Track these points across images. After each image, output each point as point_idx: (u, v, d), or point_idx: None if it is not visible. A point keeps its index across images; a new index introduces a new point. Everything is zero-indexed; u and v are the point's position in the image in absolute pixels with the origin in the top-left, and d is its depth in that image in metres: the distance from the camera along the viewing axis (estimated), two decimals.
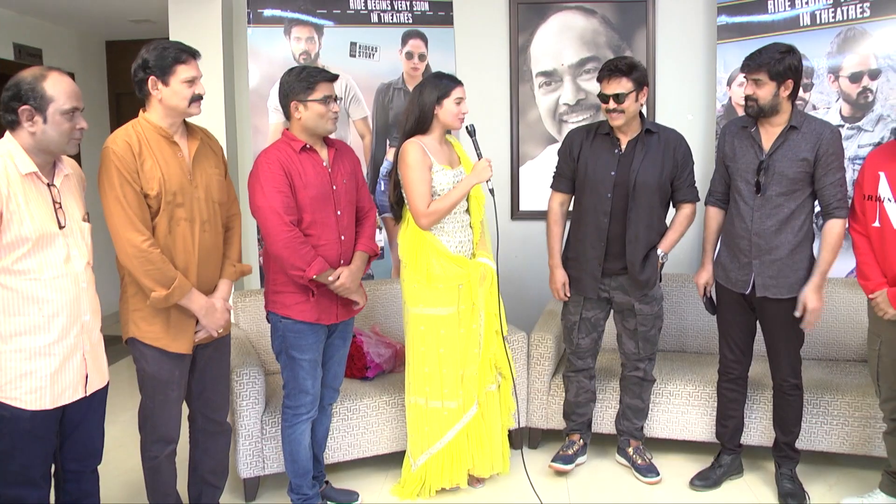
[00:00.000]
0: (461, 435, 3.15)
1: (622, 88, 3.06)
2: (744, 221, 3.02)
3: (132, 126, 2.53)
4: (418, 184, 2.99)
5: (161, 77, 2.48)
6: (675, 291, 3.92)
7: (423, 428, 3.14)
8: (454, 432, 3.13)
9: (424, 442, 3.15)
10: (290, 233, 2.73)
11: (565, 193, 3.37)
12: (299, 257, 2.74)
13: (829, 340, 3.75)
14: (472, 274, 3.08)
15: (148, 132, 2.52)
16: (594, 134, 3.27)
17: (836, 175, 2.91)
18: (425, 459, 3.16)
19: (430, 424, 3.13)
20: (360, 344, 3.55)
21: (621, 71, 3.06)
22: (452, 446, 3.15)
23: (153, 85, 2.49)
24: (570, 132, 3.40)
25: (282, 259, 2.76)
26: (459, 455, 3.18)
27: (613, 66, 3.08)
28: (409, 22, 4.25)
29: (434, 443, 3.14)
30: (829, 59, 3.91)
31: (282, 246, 2.73)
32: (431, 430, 3.13)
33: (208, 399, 2.80)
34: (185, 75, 2.49)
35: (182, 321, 2.59)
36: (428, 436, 3.14)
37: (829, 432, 3.31)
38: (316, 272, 2.76)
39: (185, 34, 4.35)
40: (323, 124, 2.82)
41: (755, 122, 3.01)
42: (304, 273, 2.75)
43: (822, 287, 2.95)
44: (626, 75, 3.06)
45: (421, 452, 3.16)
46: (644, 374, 3.34)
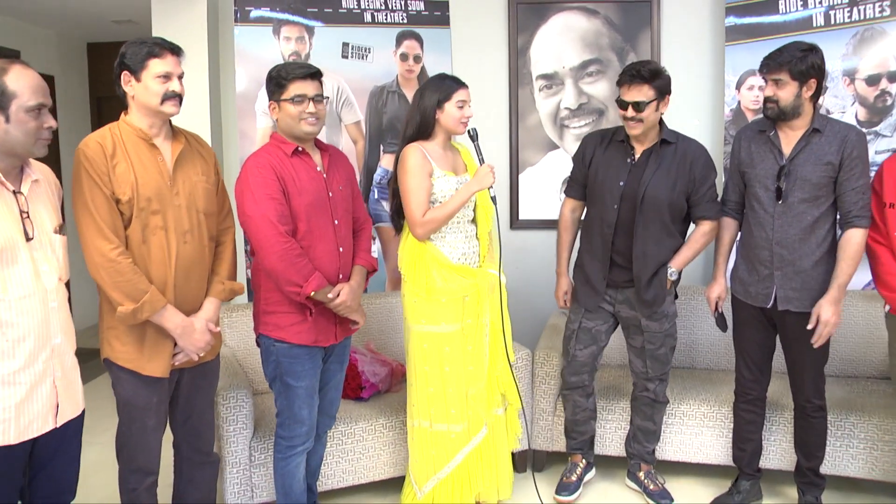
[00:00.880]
0: (470, 458, 2.94)
1: (643, 96, 2.87)
2: (764, 230, 2.84)
3: (110, 128, 2.34)
4: (416, 191, 2.78)
5: (134, 72, 2.29)
6: (685, 304, 3.72)
7: (430, 451, 2.92)
8: (462, 455, 2.91)
9: (431, 467, 2.92)
10: (285, 244, 2.48)
11: (577, 200, 3.19)
12: (296, 271, 2.50)
13: (848, 356, 3.56)
14: (479, 283, 2.87)
15: (126, 134, 2.33)
16: (609, 140, 3.08)
17: (860, 181, 2.74)
18: (433, 485, 2.93)
19: (436, 448, 2.91)
20: (355, 362, 3.34)
21: (643, 77, 2.86)
22: (461, 470, 2.94)
23: (126, 81, 2.30)
24: (586, 136, 3.22)
25: (276, 273, 2.51)
26: (468, 480, 2.96)
27: (635, 72, 2.87)
28: (404, 22, 4.05)
29: (442, 467, 2.92)
30: (844, 61, 3.73)
31: (276, 259, 2.48)
32: (438, 454, 2.91)
33: (193, 428, 2.59)
34: (157, 70, 2.29)
35: (158, 342, 2.38)
36: (435, 460, 2.92)
37: (855, 456, 3.11)
38: (314, 288, 2.52)
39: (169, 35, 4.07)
40: (297, 126, 2.57)
41: (774, 126, 2.83)
42: (301, 289, 2.51)
43: (839, 300, 2.76)
44: (648, 82, 2.86)
45: (428, 478, 2.93)
46: (654, 395, 3.14)
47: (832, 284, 2.77)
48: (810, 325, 2.77)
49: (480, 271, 2.92)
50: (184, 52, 2.38)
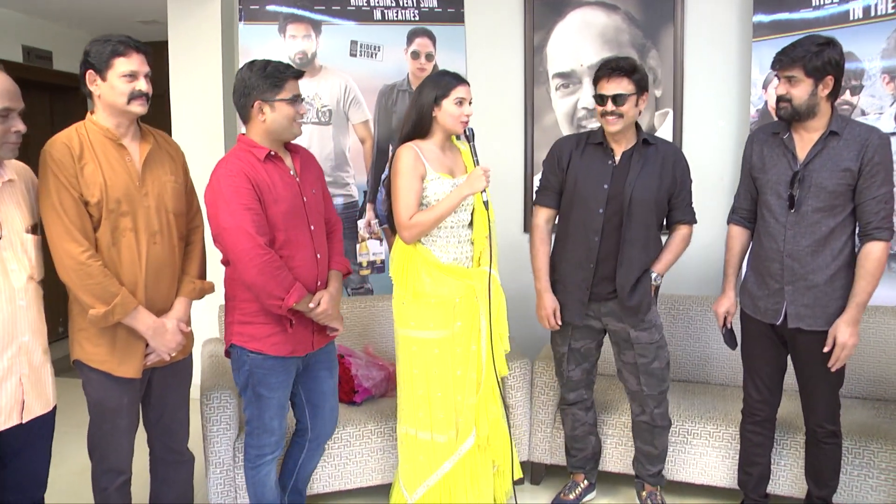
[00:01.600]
0: (459, 467, 2.82)
1: (622, 89, 2.73)
2: (774, 241, 2.65)
3: (76, 128, 2.30)
4: (404, 192, 2.68)
5: (99, 71, 2.25)
6: (700, 316, 3.54)
7: (418, 457, 2.82)
8: (451, 463, 2.80)
9: (421, 473, 2.83)
10: (265, 256, 2.36)
11: (552, 209, 3.01)
12: (277, 284, 2.39)
13: (876, 377, 3.32)
14: (473, 284, 2.76)
15: (93, 134, 2.29)
16: (585, 144, 2.93)
17: (881, 189, 2.52)
18: (424, 492, 2.84)
19: (424, 454, 2.82)
20: (349, 366, 3.27)
21: (623, 70, 2.73)
22: (450, 479, 2.83)
23: (91, 80, 2.26)
24: (557, 141, 3.05)
25: (256, 287, 2.40)
26: (456, 488, 2.86)
27: (614, 65, 2.75)
28: (416, 19, 3.96)
29: (431, 474, 2.82)
30: (883, 59, 3.48)
31: (257, 272, 2.36)
32: (427, 461, 2.82)
33: (166, 427, 2.56)
34: (122, 69, 2.24)
35: (130, 343, 2.35)
36: (424, 466, 2.82)
37: (874, 487, 2.88)
38: (296, 300, 2.42)
39: (184, 34, 4.19)
40: (290, 128, 2.48)
41: (788, 128, 2.64)
42: (282, 302, 2.41)
43: (857, 321, 2.55)
44: (628, 75, 2.73)
45: (418, 485, 2.84)
46: (652, 420, 2.95)
47: (850, 303, 2.56)
48: (826, 348, 2.57)
49: (474, 270, 2.80)
50: (149, 51, 2.32)
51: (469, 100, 2.73)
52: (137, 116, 2.33)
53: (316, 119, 3.89)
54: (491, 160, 3.86)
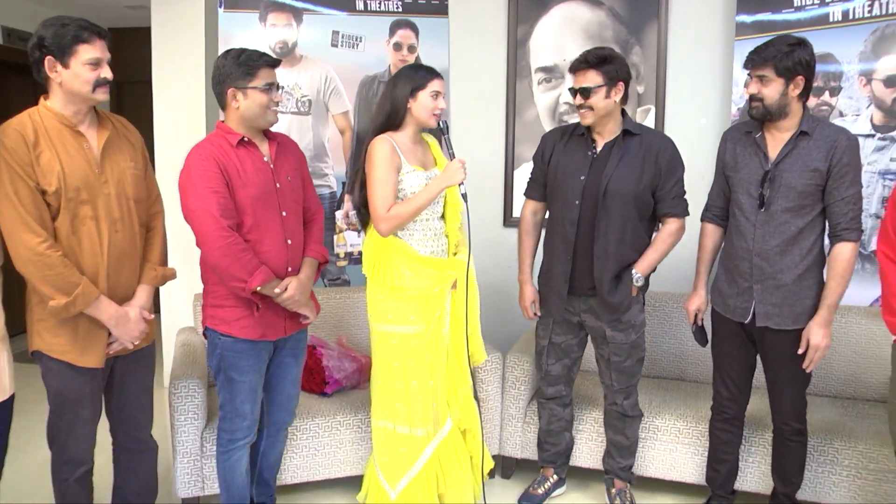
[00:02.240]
0: (438, 453, 2.82)
1: (589, 82, 2.72)
2: (744, 240, 2.66)
3: (29, 115, 2.26)
4: (382, 184, 2.66)
5: (60, 58, 2.20)
6: (676, 312, 3.55)
7: (399, 449, 2.81)
8: (431, 449, 2.80)
9: (403, 465, 2.81)
10: (228, 238, 2.40)
11: (538, 201, 3.03)
12: (240, 266, 2.43)
13: (847, 376, 3.34)
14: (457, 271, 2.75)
15: (48, 121, 2.25)
16: (570, 135, 2.92)
17: (850, 190, 2.53)
18: (406, 484, 2.82)
19: (405, 445, 2.81)
20: (320, 357, 3.26)
21: (588, 63, 2.72)
22: (431, 467, 2.82)
23: (51, 67, 2.21)
24: (545, 133, 3.07)
25: (220, 269, 2.45)
26: (438, 476, 2.85)
27: (582, 58, 2.75)
28: (399, 10, 3.94)
29: (412, 464, 2.81)
30: (861, 61, 3.49)
31: (220, 254, 2.41)
32: (409, 451, 2.81)
33: (129, 415, 2.55)
34: (87, 56, 2.21)
35: (92, 332, 2.33)
36: (406, 457, 2.81)
37: (837, 484, 2.90)
38: (259, 283, 2.45)
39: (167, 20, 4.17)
40: (264, 115, 2.51)
41: (760, 127, 2.64)
42: (245, 284, 2.44)
43: (829, 322, 2.57)
44: (594, 67, 2.72)
45: (401, 477, 2.82)
46: (623, 409, 2.97)
47: (822, 305, 2.58)
48: (800, 350, 2.59)
49: (451, 260, 2.80)
50: (108, 35, 2.30)
51: (443, 93, 2.73)
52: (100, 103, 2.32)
53: (295, 109, 3.88)
54: (472, 153, 3.87)
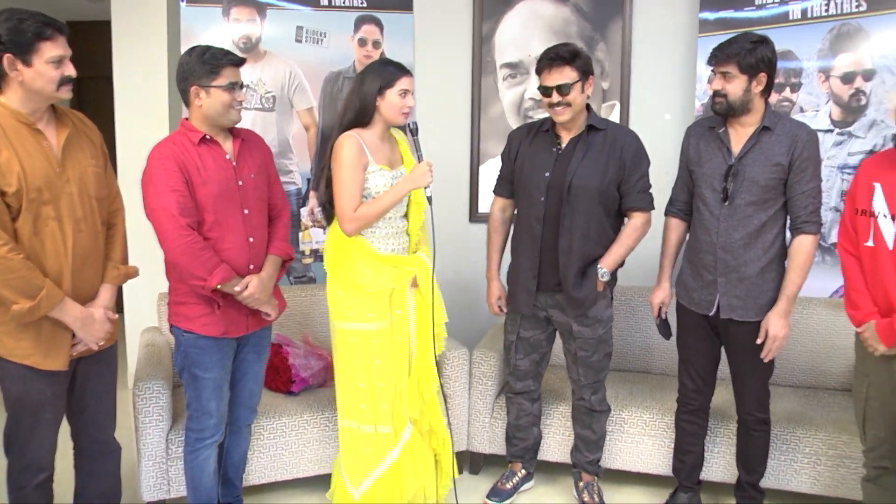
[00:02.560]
0: (403, 456, 2.80)
1: (566, 78, 2.72)
2: (708, 234, 2.69)
3: None
4: (348, 184, 2.64)
5: (20, 55, 2.13)
6: (642, 306, 3.58)
7: (363, 450, 2.79)
8: (397, 451, 2.79)
9: (366, 465, 2.79)
10: (187, 237, 2.40)
11: (506, 198, 3.04)
12: (199, 265, 2.42)
13: (808, 367, 3.40)
14: (415, 268, 2.74)
15: (4, 119, 2.17)
16: (535, 132, 2.93)
17: (810, 184, 2.58)
18: (369, 485, 2.80)
19: (369, 446, 2.79)
20: (286, 355, 3.24)
21: (564, 59, 2.72)
22: (395, 469, 2.80)
23: (10, 64, 2.13)
24: (512, 131, 3.08)
25: (179, 267, 2.45)
26: (402, 479, 2.83)
27: (554, 54, 2.74)
28: (363, 6, 3.92)
29: (377, 465, 2.79)
30: (819, 58, 3.55)
31: (179, 252, 2.41)
32: (372, 452, 2.79)
33: (92, 418, 2.49)
34: (50, 54, 2.15)
35: (56, 334, 2.27)
36: (369, 458, 2.79)
37: (798, 471, 2.97)
38: (218, 281, 2.44)
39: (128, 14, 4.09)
40: (227, 114, 2.49)
41: (723, 122, 2.68)
42: (205, 283, 2.44)
43: (788, 312, 2.62)
44: (570, 63, 2.72)
45: (363, 477, 2.80)
46: (590, 404, 2.99)
47: (781, 296, 2.62)
48: (759, 340, 2.63)
49: (411, 257, 2.78)
50: (67, 30, 2.24)
51: (412, 91, 2.71)
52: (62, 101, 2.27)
53: (259, 105, 3.84)
54: (437, 150, 3.86)
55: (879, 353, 2.39)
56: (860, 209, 2.46)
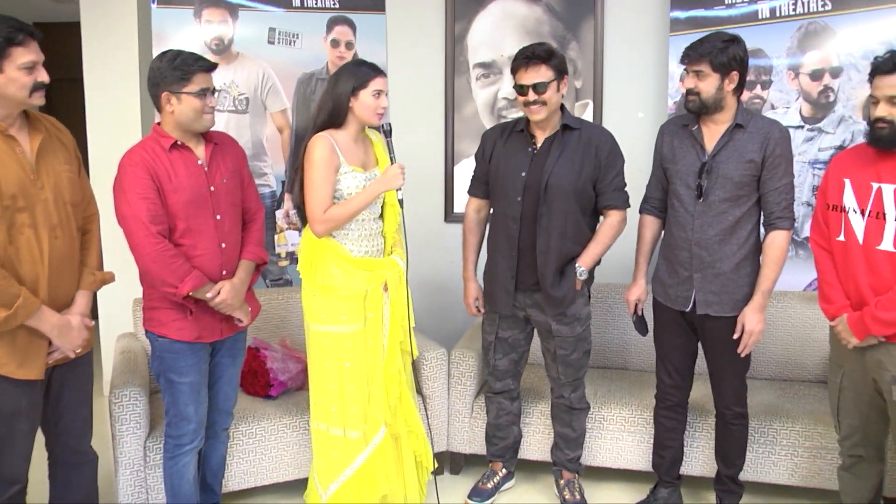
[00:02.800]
0: (373, 459, 2.79)
1: (542, 77, 2.73)
2: (683, 230, 2.71)
3: None
4: (319, 185, 2.63)
5: None
6: (619, 303, 3.60)
7: (332, 453, 2.78)
8: (365, 456, 2.77)
9: (334, 468, 2.78)
10: (157, 245, 2.39)
11: (481, 199, 3.04)
12: (170, 272, 2.41)
13: (784, 359, 3.45)
14: (388, 271, 2.73)
15: None
16: (510, 132, 2.94)
17: (783, 181, 2.61)
18: (336, 488, 2.79)
19: (338, 449, 2.78)
20: (264, 359, 3.21)
21: (540, 57, 2.74)
22: (364, 472, 2.79)
23: None
24: (485, 132, 3.08)
25: (150, 275, 2.45)
26: (373, 481, 2.82)
27: (530, 53, 2.75)
28: (336, 7, 3.89)
29: (344, 468, 2.78)
30: (788, 56, 3.61)
31: (150, 260, 2.41)
32: (341, 455, 2.77)
33: (67, 426, 2.45)
34: (22, 60, 2.11)
35: (31, 343, 2.22)
36: (337, 461, 2.78)
37: (776, 463, 3.02)
38: (190, 288, 2.44)
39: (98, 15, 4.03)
40: (199, 120, 2.47)
41: (697, 120, 2.70)
42: (176, 290, 2.43)
43: (764, 307, 2.65)
44: (546, 62, 2.73)
45: (332, 480, 2.79)
46: (570, 402, 3.00)
47: (756, 291, 2.65)
48: (735, 335, 2.66)
49: (385, 260, 2.77)
50: (40, 35, 2.21)
51: (386, 91, 2.70)
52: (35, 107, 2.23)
53: (232, 107, 3.80)
54: (411, 150, 3.85)
55: (853, 346, 2.43)
56: (831, 204, 2.50)
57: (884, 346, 2.38)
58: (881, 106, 2.29)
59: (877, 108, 2.30)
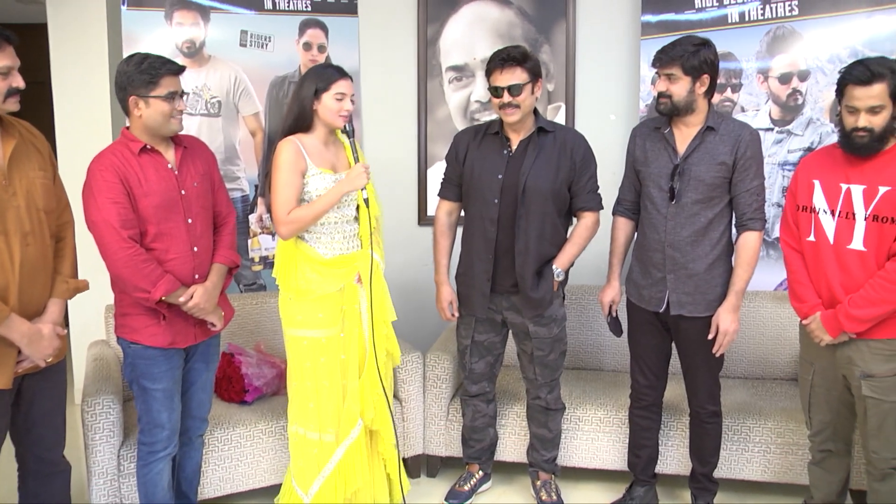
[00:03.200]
0: (349, 454, 2.78)
1: (517, 79, 2.75)
2: (657, 232, 2.74)
3: None
4: (283, 187, 2.62)
5: None
6: (593, 304, 3.63)
7: (311, 451, 2.76)
8: (342, 451, 2.77)
9: (314, 468, 2.77)
10: (129, 250, 2.37)
11: (453, 201, 3.04)
12: (142, 277, 2.38)
13: (756, 358, 3.50)
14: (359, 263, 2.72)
15: None
16: (483, 134, 2.95)
17: (753, 182, 2.65)
18: (318, 488, 2.78)
19: (317, 447, 2.77)
20: (239, 365, 3.19)
21: (515, 60, 2.75)
22: (344, 467, 2.78)
23: None
24: (457, 134, 3.08)
25: (122, 280, 2.41)
26: (349, 475, 2.80)
27: (506, 55, 2.76)
28: (308, 10, 3.89)
29: (323, 467, 2.77)
30: (758, 60, 3.67)
31: (121, 265, 2.37)
32: (320, 454, 2.77)
33: (39, 436, 2.41)
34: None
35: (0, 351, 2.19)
36: (317, 459, 2.77)
37: (750, 460, 3.06)
38: (163, 293, 2.41)
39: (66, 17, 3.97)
40: (167, 124, 2.45)
41: (668, 123, 2.73)
42: (149, 295, 2.40)
43: (737, 307, 2.69)
44: (521, 64, 2.75)
45: (313, 480, 2.78)
46: (546, 403, 3.02)
47: (729, 291, 2.69)
48: (710, 335, 2.69)
49: (357, 254, 2.76)
50: (16, 40, 2.18)
51: (350, 95, 2.68)
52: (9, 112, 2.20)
53: (205, 111, 3.77)
54: (384, 153, 3.86)
55: (825, 344, 2.48)
56: (801, 205, 2.55)
57: (854, 343, 2.44)
58: (862, 116, 2.33)
59: (857, 119, 2.34)
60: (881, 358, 2.41)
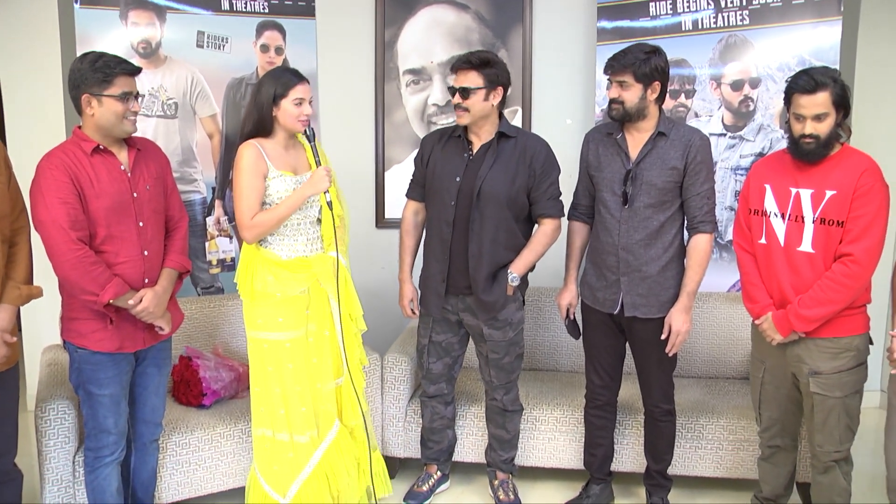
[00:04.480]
0: (329, 453, 2.80)
1: (469, 83, 2.77)
2: (610, 236, 2.79)
3: None
4: (246, 192, 2.62)
5: None
6: (550, 306, 3.68)
7: (286, 455, 2.76)
8: (321, 451, 2.78)
9: (291, 470, 2.76)
10: (77, 251, 2.32)
11: (418, 202, 3.07)
12: (91, 280, 2.34)
13: (709, 358, 3.59)
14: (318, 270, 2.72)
15: None
16: (448, 137, 2.97)
17: (704, 186, 2.72)
18: (297, 489, 2.77)
19: (292, 450, 2.77)
20: (196, 368, 3.16)
21: (471, 63, 2.77)
22: (323, 468, 2.79)
23: None
24: (425, 136, 3.12)
25: (70, 282, 2.37)
26: (333, 475, 2.82)
27: (465, 59, 2.80)
28: (265, 11, 3.87)
29: (302, 468, 2.77)
30: (711, 67, 3.75)
31: (69, 267, 2.33)
32: (297, 456, 2.76)
33: None
34: None
35: None
36: (294, 462, 2.76)
37: (703, 457, 3.14)
38: (111, 296, 2.37)
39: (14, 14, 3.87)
40: (120, 124, 2.41)
41: (621, 128, 2.79)
42: (97, 298, 2.36)
43: (689, 308, 2.76)
44: (476, 69, 2.77)
45: (290, 482, 2.77)
46: (503, 404, 3.05)
47: (682, 293, 2.75)
48: (663, 335, 2.75)
49: (318, 257, 2.77)
50: None
51: (308, 99, 2.69)
52: None
53: (161, 112, 3.73)
54: (342, 155, 3.85)
55: (776, 343, 2.56)
56: (753, 209, 2.63)
57: (803, 342, 2.53)
58: (808, 123, 2.41)
59: (804, 126, 2.42)
60: (828, 356, 2.50)
